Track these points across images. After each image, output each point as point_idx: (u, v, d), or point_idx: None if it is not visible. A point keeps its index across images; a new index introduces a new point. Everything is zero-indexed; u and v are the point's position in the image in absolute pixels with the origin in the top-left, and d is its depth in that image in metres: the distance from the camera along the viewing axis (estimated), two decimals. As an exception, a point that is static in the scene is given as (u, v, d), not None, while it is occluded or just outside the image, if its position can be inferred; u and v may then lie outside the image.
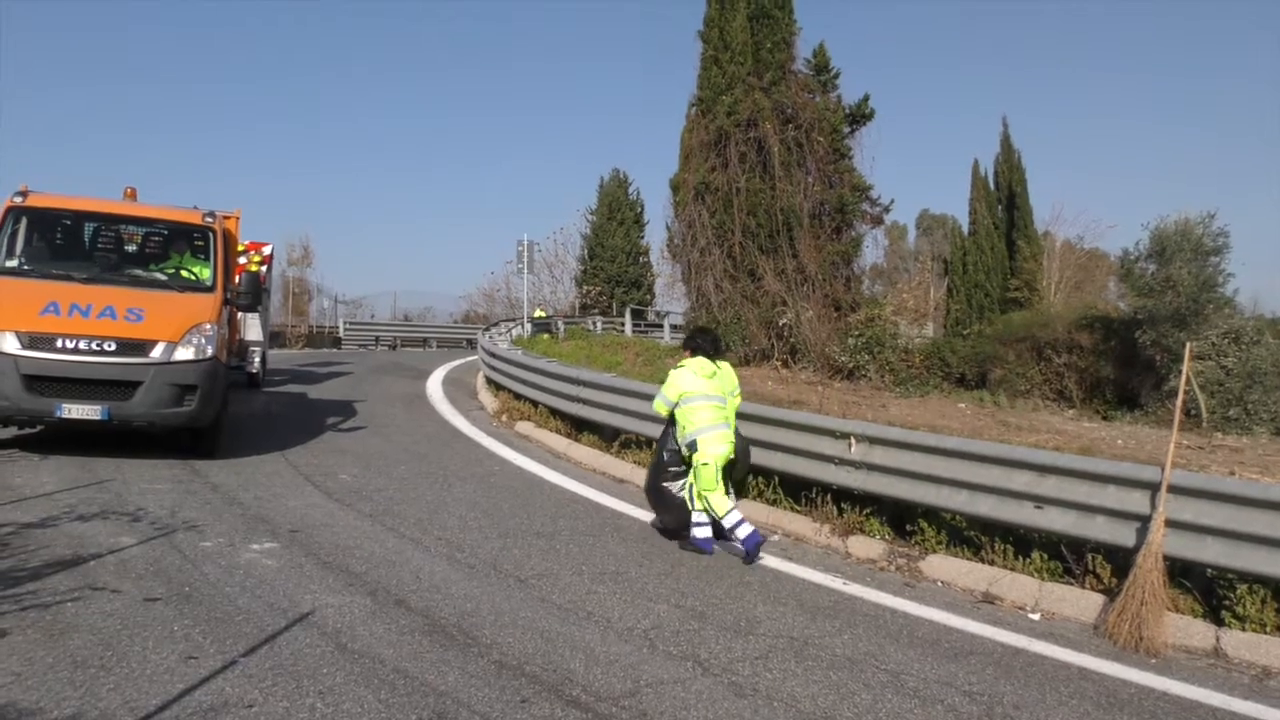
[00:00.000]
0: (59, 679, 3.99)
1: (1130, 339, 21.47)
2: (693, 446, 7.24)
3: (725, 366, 7.74)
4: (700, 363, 7.53)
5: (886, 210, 28.69)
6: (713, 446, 7.20)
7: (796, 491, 8.36)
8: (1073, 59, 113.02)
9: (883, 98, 78.86)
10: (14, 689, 3.86)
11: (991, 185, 36.79)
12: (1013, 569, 6.63)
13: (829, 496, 7.95)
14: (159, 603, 5.09)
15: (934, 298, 40.37)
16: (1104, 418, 20.41)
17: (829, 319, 25.77)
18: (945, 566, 6.87)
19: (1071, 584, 6.37)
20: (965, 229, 37.86)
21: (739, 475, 8.13)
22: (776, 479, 8.55)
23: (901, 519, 7.62)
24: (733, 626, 5.44)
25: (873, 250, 31.38)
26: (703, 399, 7.35)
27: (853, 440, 7.62)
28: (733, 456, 7.47)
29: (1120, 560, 6.18)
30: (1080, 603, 6.15)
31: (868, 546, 7.37)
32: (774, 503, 8.48)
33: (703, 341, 7.78)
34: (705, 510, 7.23)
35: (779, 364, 25.16)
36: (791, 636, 5.33)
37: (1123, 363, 21.90)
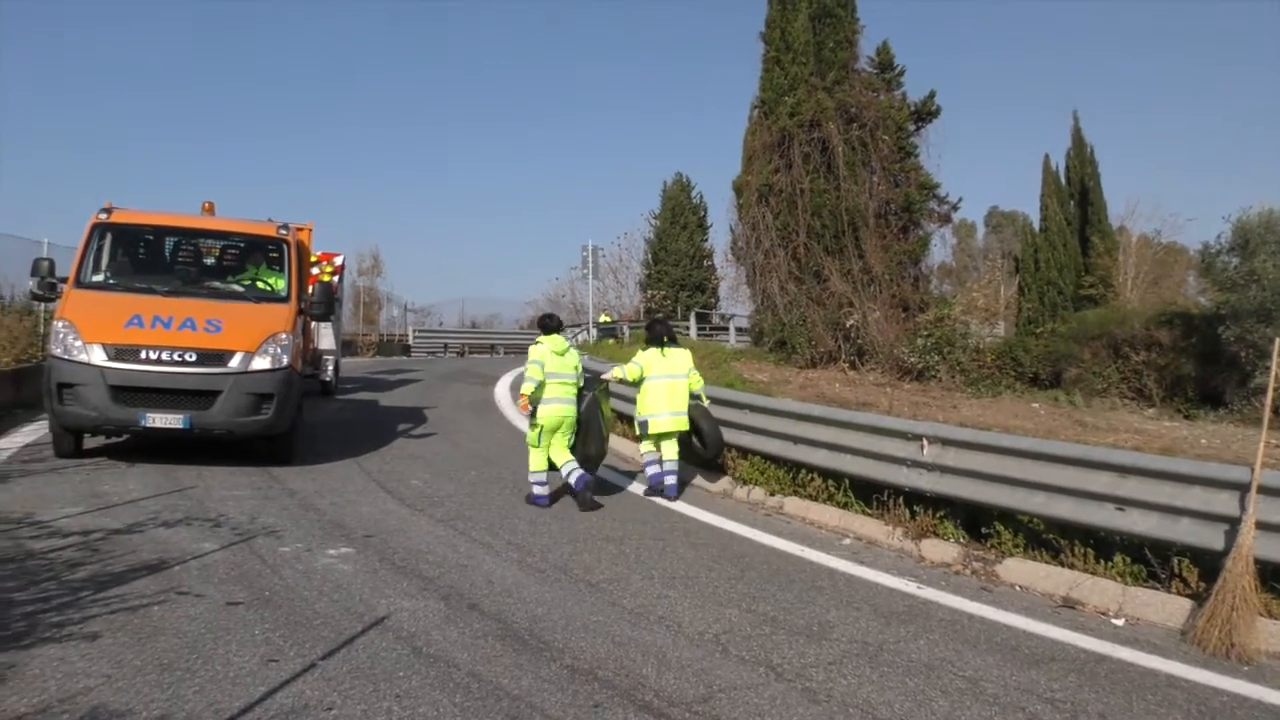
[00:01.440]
0: (147, 681, 4.11)
1: (1213, 335, 20.76)
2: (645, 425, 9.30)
3: (677, 352, 9.52)
4: (653, 352, 9.40)
5: (954, 208, 28.23)
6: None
7: (867, 494, 8.25)
8: (1146, 50, 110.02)
9: (949, 94, 77.73)
10: (105, 690, 3.98)
11: (1063, 180, 35.89)
12: (1094, 573, 6.46)
13: (901, 499, 7.83)
14: (240, 606, 5.22)
15: (1005, 296, 39.50)
16: (1186, 417, 19.77)
17: (897, 319, 25.40)
18: (1023, 570, 6.72)
19: (1156, 588, 6.18)
20: (1036, 225, 37.02)
21: (712, 454, 9.63)
22: (847, 482, 8.46)
23: (976, 522, 7.47)
24: (805, 631, 5.38)
25: (940, 249, 30.89)
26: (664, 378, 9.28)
27: (925, 442, 7.50)
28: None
29: (1208, 564, 5.97)
30: (1166, 608, 5.96)
31: (942, 550, 7.24)
32: (845, 506, 8.39)
33: (660, 330, 9.72)
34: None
35: (846, 366, 24.88)
36: (865, 641, 5.26)
37: (1205, 360, 21.18)
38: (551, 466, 8.84)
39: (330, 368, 17.51)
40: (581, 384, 9.07)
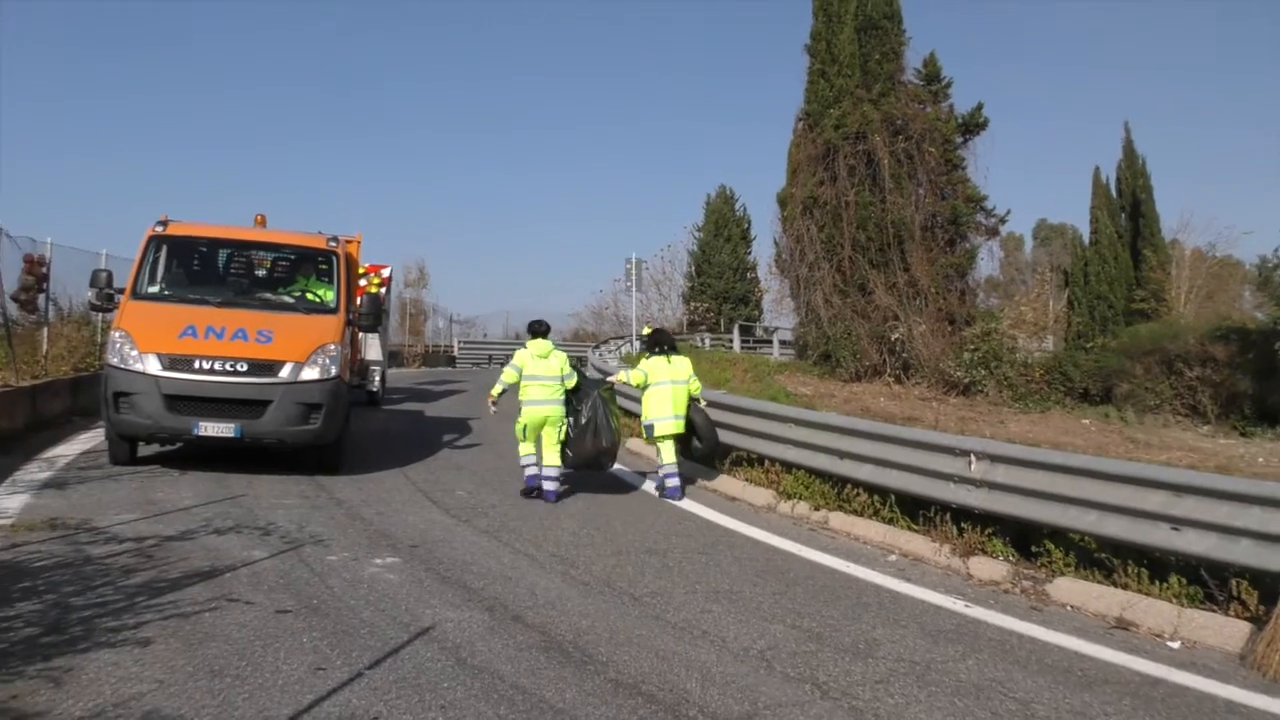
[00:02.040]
0: (198, 687, 4.17)
1: (1270, 350, 20.30)
2: (650, 429, 9.97)
3: (679, 359, 10.18)
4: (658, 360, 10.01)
5: (1002, 221, 27.89)
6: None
7: (913, 510, 8.15)
8: (1200, 60, 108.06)
9: (997, 105, 76.93)
10: (157, 696, 4.05)
11: (1114, 193, 35.35)
12: (1148, 593, 6.31)
13: (948, 516, 7.73)
14: (289, 614, 5.28)
15: (1053, 310, 38.91)
16: (1242, 434, 19.33)
17: (943, 333, 25.15)
18: (1074, 590, 6.59)
19: (1214, 610, 6.02)
20: (1086, 238, 36.49)
21: (707, 450, 10.33)
22: (893, 497, 8.37)
23: (1026, 539, 7.35)
24: (851, 649, 5.33)
25: (988, 262, 30.52)
26: (669, 382, 9.92)
27: (973, 458, 7.40)
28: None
29: (1268, 586, 5.82)
30: (1224, 630, 5.80)
31: (990, 568, 7.13)
32: (890, 521, 8.29)
33: (661, 340, 10.39)
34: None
35: (891, 380, 24.68)
36: (913, 660, 5.19)
37: (1262, 376, 20.71)
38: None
39: (377, 378, 17.70)
40: (571, 385, 9.64)
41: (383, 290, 17.90)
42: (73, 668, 4.27)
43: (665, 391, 9.89)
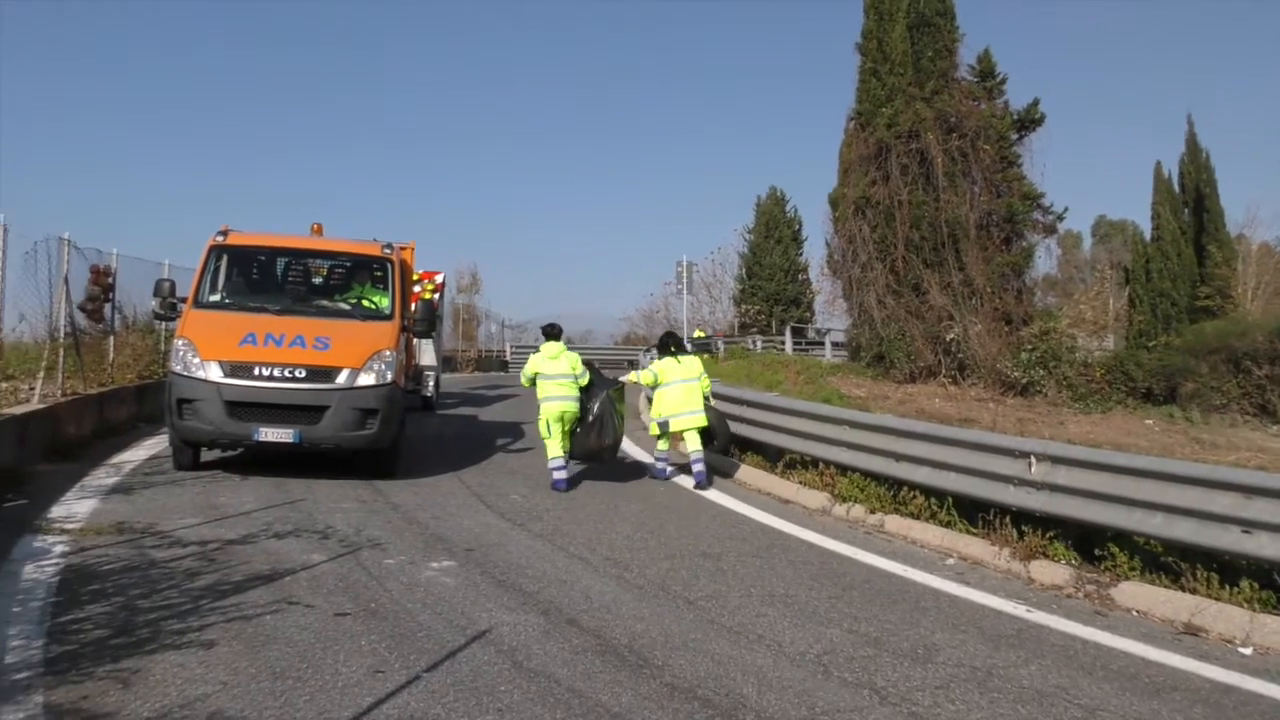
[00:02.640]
0: (260, 689, 4.24)
1: (1343, 347, 19.64)
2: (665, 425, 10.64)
3: (689, 359, 10.97)
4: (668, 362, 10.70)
5: (1059, 218, 27.33)
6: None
7: (972, 513, 8.02)
8: (1262, 52, 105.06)
9: (1054, 101, 75.33)
10: (221, 697, 4.12)
11: (1176, 188, 34.53)
12: (1218, 598, 6.13)
13: (1008, 519, 7.58)
14: (348, 618, 5.35)
15: (1114, 308, 38.10)
16: (1314, 434, 18.72)
17: (999, 333, 24.72)
18: (1140, 594, 6.42)
19: (1287, 617, 5.83)
20: (1148, 235, 35.68)
21: (720, 446, 11.32)
22: (950, 500, 8.24)
23: (1089, 543, 7.18)
24: (910, 654, 5.25)
25: (1045, 260, 30.02)
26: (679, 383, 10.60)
27: (1033, 460, 7.26)
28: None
29: (1345, 592, 5.62)
30: (1298, 637, 5.61)
31: (1052, 572, 6.98)
32: (948, 524, 8.16)
33: (669, 342, 11.23)
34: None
35: (946, 381, 24.33)
36: (974, 666, 5.09)
37: (1335, 374, 20.05)
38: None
39: (431, 383, 17.89)
40: (585, 382, 10.39)
41: (436, 296, 18.11)
42: (140, 669, 4.37)
43: (678, 389, 10.61)
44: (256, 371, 9.25)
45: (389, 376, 9.70)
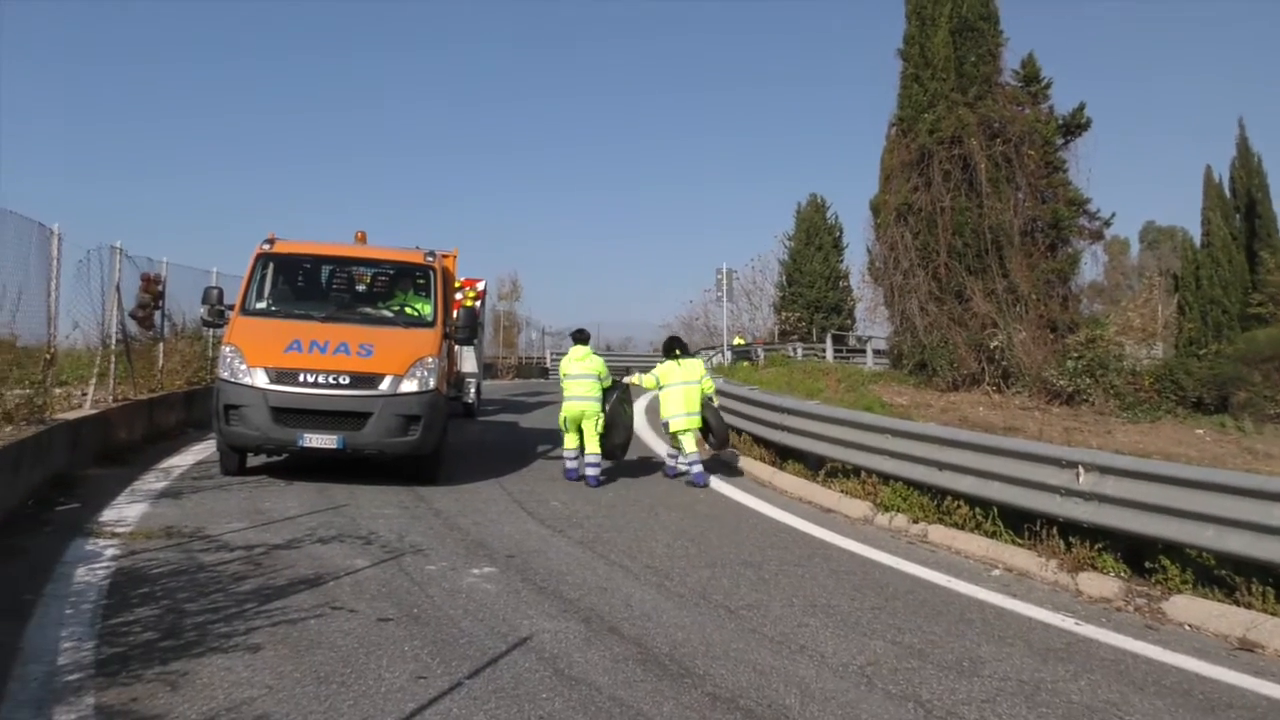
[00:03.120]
0: (305, 693, 4.28)
1: (1403, 356, 19.09)
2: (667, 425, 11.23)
3: (690, 362, 11.63)
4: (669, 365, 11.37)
5: (1106, 224, 26.84)
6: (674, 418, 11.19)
7: (1018, 523, 7.90)
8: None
9: (1101, 105, 74.23)
10: (267, 701, 4.17)
11: (1228, 193, 33.88)
12: (1274, 613, 5.96)
13: (1055, 529, 7.45)
14: (391, 623, 5.39)
15: (1162, 316, 37.40)
16: (1373, 445, 18.20)
17: (1044, 341, 24.33)
18: (1193, 608, 6.28)
19: (1347, 633, 5.67)
20: (1198, 241, 35.04)
21: (718, 444, 12.01)
22: (995, 510, 8.12)
23: (1139, 555, 7.03)
24: (955, 666, 5.17)
25: (1091, 267, 29.43)
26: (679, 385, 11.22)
27: (1081, 470, 7.14)
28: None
29: (1407, 608, 5.46)
30: (1359, 655, 5.46)
31: (1101, 584, 6.85)
32: (993, 535, 8.04)
33: (673, 345, 11.76)
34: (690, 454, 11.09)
35: (990, 389, 23.98)
36: (1021, 679, 5.01)
37: (1394, 382, 19.51)
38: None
39: (472, 390, 18.00)
40: (607, 384, 11.12)
41: (478, 303, 18.22)
42: (188, 671, 4.43)
43: (678, 392, 11.21)
44: (301, 378, 9.36)
45: (431, 383, 9.78)
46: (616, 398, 11.14)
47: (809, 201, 50.14)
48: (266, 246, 10.78)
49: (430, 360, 9.90)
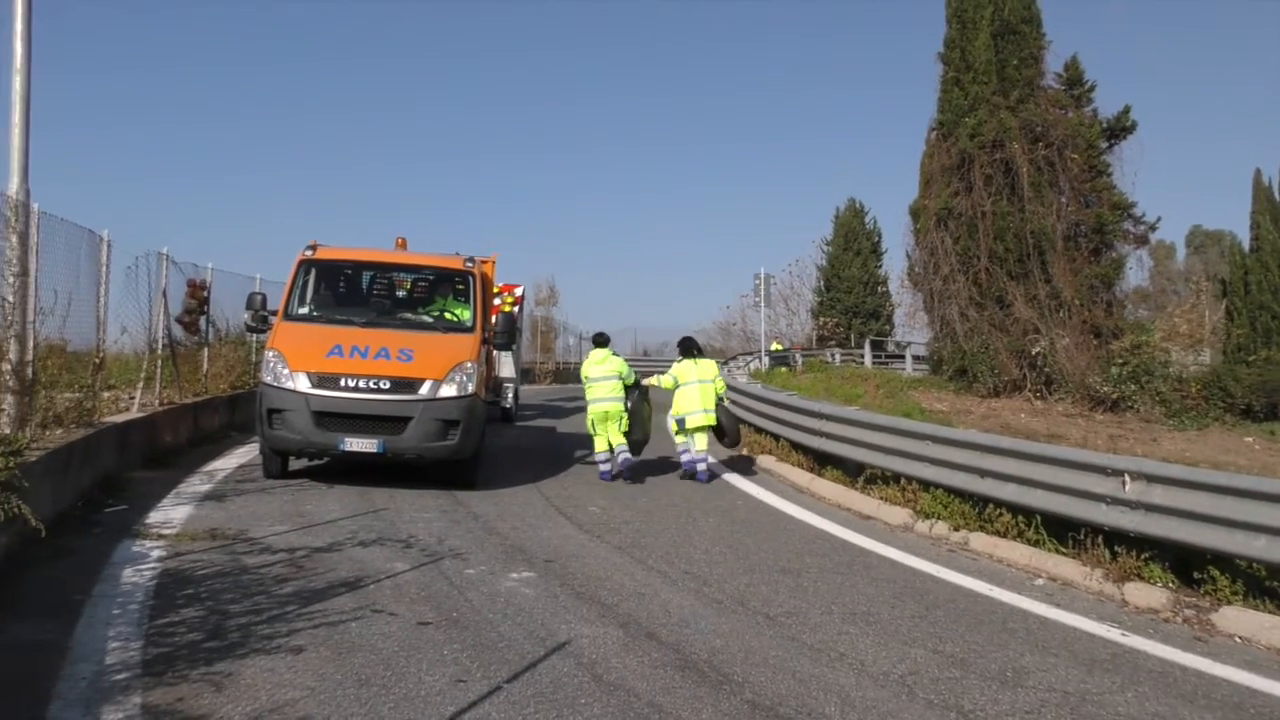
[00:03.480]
0: (346, 695, 4.31)
1: None
2: (682, 422, 11.71)
3: (705, 362, 12.18)
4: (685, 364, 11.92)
5: (1152, 228, 26.44)
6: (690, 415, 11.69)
7: (1061, 532, 7.78)
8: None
9: (1147, 108, 73.33)
10: (309, 703, 4.21)
11: (1277, 196, 33.23)
12: (1327, 627, 5.84)
13: (1099, 538, 7.33)
14: (430, 626, 5.42)
15: (1210, 321, 36.71)
16: None
17: (1088, 347, 23.98)
18: (1243, 620, 6.14)
19: (1404, 648, 5.52)
20: (1246, 245, 34.40)
21: (730, 443, 12.40)
22: (1038, 518, 8.01)
23: (1187, 565, 6.90)
24: (998, 676, 5.10)
25: (1136, 272, 28.98)
26: (695, 384, 11.73)
27: (1127, 478, 7.01)
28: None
29: None
30: None
31: (1148, 594, 6.73)
32: (1036, 544, 7.93)
33: (689, 345, 12.37)
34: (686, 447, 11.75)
35: (1032, 396, 23.70)
36: (1066, 691, 4.93)
37: None
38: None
39: (510, 395, 18.09)
40: (629, 381, 11.63)
41: (516, 309, 18.31)
42: (232, 672, 4.48)
43: (694, 390, 11.68)
44: (343, 383, 9.46)
45: (470, 388, 9.83)
46: (637, 395, 11.68)
47: (847, 206, 49.98)
48: (309, 253, 10.92)
49: (469, 365, 9.96)
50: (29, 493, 5.68)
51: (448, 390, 9.67)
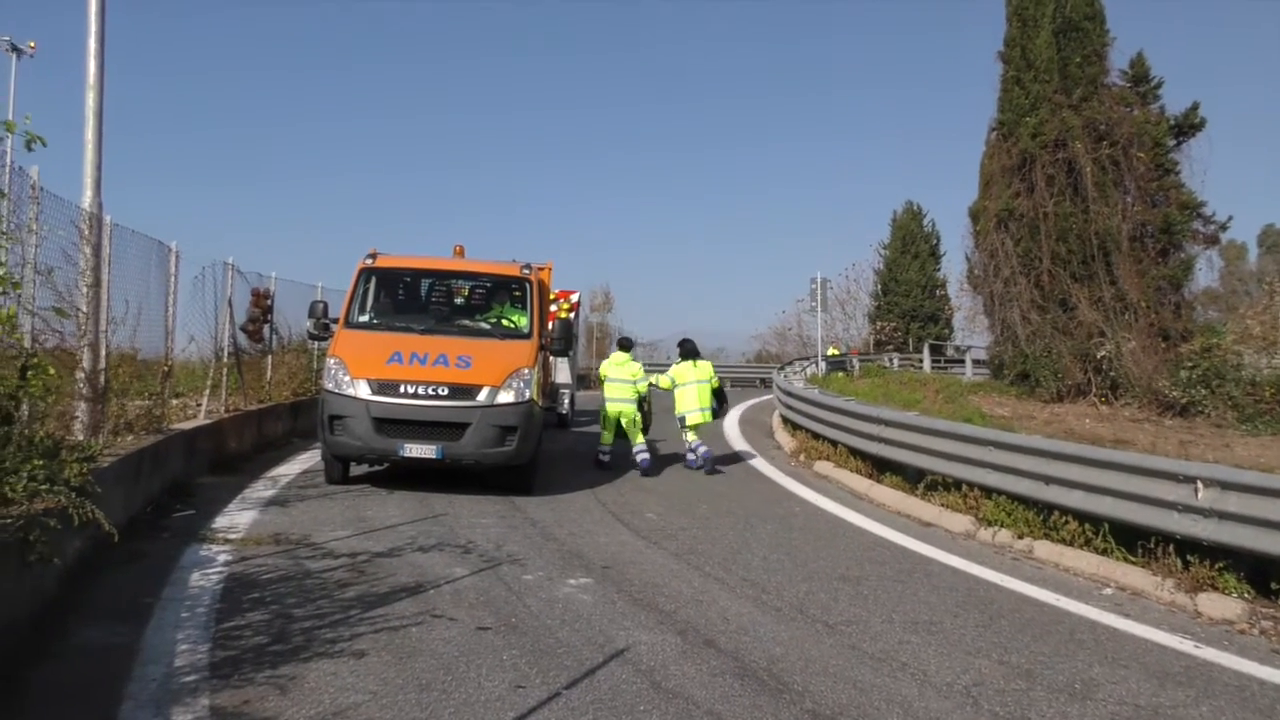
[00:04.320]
0: (407, 700, 4.35)
1: None
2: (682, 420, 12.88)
3: (702, 363, 13.18)
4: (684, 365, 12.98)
5: (1222, 228, 25.66)
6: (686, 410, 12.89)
7: (1130, 540, 7.58)
8: None
9: (1217, 105, 71.24)
10: (371, 707, 4.25)
11: (1355, 192, 32.17)
12: None
13: (1171, 547, 7.13)
14: (489, 632, 5.45)
15: (1285, 323, 35.53)
16: None
17: (1155, 350, 23.36)
18: (1324, 634, 5.93)
19: None
20: (1322, 244, 33.33)
21: (720, 416, 13.82)
22: (1106, 526, 7.81)
23: (1264, 575, 6.66)
24: (1066, 688, 4.98)
25: (1206, 273, 28.20)
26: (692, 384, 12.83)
27: (1199, 485, 6.81)
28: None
29: None
30: None
31: (1222, 605, 6.52)
32: (1104, 552, 7.73)
33: (689, 348, 13.31)
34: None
35: (1097, 400, 23.15)
36: (1137, 704, 4.79)
37: None
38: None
39: (567, 401, 18.16)
40: (643, 389, 12.67)
41: (572, 315, 18.37)
42: (296, 676, 4.55)
43: (692, 390, 12.79)
44: (402, 389, 9.57)
45: (527, 394, 9.89)
46: (645, 397, 12.78)
47: (905, 209, 49.37)
48: (369, 261, 11.09)
49: (526, 371, 10.02)
50: (102, 498, 5.82)
51: (505, 396, 9.74)
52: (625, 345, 13.46)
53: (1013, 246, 25.39)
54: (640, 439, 12.46)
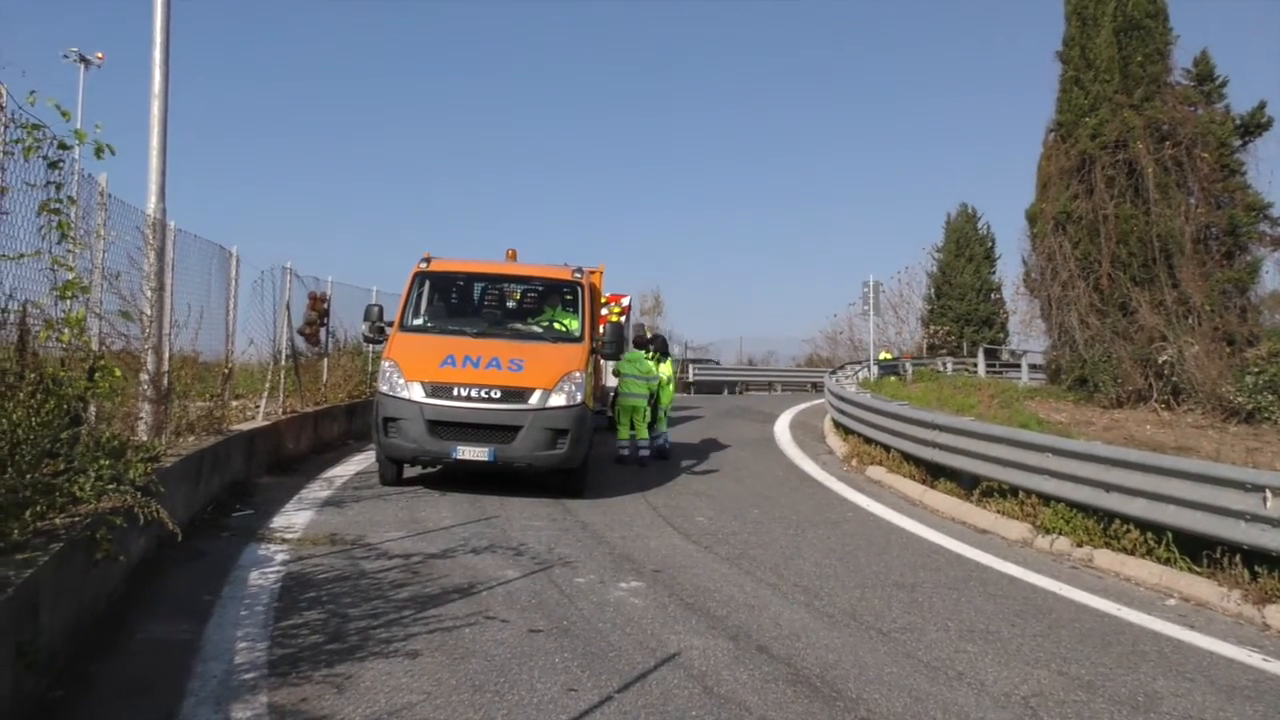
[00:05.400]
0: (461, 701, 4.38)
1: None
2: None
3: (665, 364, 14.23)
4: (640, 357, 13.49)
5: (1290, 230, 24.97)
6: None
7: (1194, 550, 7.38)
8: None
9: (1282, 101, 69.10)
10: (425, 707, 4.29)
11: None
12: None
13: (1238, 557, 6.93)
14: (541, 634, 5.47)
15: (1356, 327, 34.45)
16: None
17: (1220, 355, 22.75)
18: (1400, 650, 5.72)
19: None
20: (1398, 245, 32.19)
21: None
22: (1169, 535, 7.62)
23: (1336, 589, 6.47)
24: (1129, 701, 4.86)
25: (1274, 276, 27.47)
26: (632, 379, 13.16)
27: (1269, 494, 6.61)
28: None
29: None
30: None
31: (1292, 619, 6.33)
32: (1167, 562, 7.54)
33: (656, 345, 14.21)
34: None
35: (1158, 406, 22.62)
36: (1203, 718, 4.66)
37: None
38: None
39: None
40: (654, 386, 13.35)
41: (623, 319, 18.41)
42: (352, 675, 4.61)
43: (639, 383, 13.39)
44: (455, 392, 9.67)
45: (579, 397, 9.93)
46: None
47: (959, 211, 48.75)
48: (423, 265, 11.22)
49: (578, 375, 10.06)
50: (165, 497, 5.96)
51: (557, 400, 9.79)
52: (640, 343, 14.34)
53: (1071, 249, 24.93)
54: (645, 433, 13.07)
